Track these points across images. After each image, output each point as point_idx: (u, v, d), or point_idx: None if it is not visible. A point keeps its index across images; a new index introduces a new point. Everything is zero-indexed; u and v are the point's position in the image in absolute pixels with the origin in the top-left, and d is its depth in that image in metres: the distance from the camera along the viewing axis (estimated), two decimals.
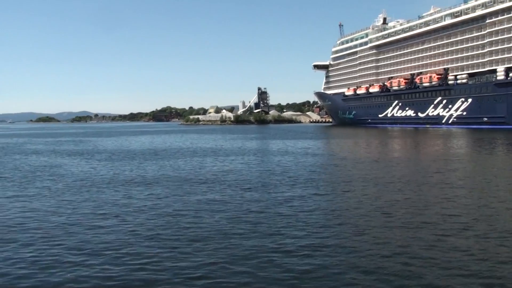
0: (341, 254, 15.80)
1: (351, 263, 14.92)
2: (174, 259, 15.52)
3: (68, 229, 19.80)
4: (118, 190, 29.82)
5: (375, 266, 14.59)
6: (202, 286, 13.31)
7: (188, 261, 15.35)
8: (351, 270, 14.28)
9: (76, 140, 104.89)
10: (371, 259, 15.21)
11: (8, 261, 15.57)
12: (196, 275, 14.05)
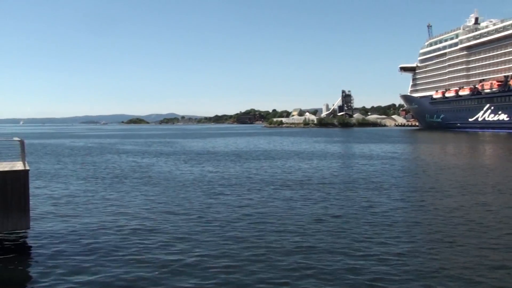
0: (430, 266, 15.15)
1: (442, 276, 14.27)
2: (257, 264, 15.53)
3: (156, 227, 20.38)
4: (203, 191, 30.37)
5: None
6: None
7: (270, 266, 15.31)
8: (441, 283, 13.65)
9: (164, 142, 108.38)
10: (465, 276, 14.47)
11: (104, 260, 16.21)
12: (279, 282, 13.97)
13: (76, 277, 14.32)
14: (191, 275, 14.49)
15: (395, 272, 14.58)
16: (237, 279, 14.13)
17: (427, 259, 15.83)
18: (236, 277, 14.28)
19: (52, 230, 20.00)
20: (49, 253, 16.90)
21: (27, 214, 17.99)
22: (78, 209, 24.74)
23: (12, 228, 17.90)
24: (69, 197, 28.74)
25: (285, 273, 14.60)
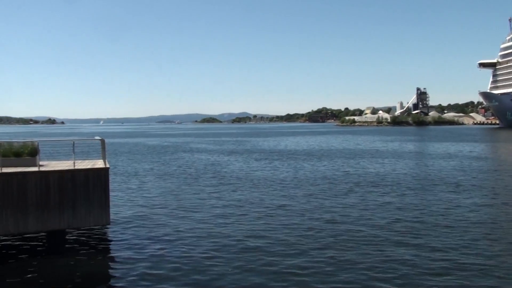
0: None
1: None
2: (338, 271, 15.39)
3: (230, 226, 20.65)
4: (275, 190, 30.46)
5: None
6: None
7: (344, 268, 15.14)
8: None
9: (236, 140, 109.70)
10: None
11: (179, 256, 16.63)
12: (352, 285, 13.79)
13: (153, 272, 14.76)
14: (264, 273, 14.56)
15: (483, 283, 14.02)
16: (312, 281, 14.07)
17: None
18: (311, 279, 14.22)
19: (130, 226, 20.74)
20: (127, 248, 17.54)
21: (107, 210, 18.75)
22: (154, 206, 25.51)
23: (93, 223, 18.72)
24: (146, 194, 29.70)
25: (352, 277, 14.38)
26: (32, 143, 20.64)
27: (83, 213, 18.20)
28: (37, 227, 17.86)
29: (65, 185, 18.04)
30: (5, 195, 17.33)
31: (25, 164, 19.23)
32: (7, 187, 17.36)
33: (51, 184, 17.88)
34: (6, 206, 17.30)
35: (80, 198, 18.16)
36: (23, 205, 17.49)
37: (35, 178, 17.77)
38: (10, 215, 17.36)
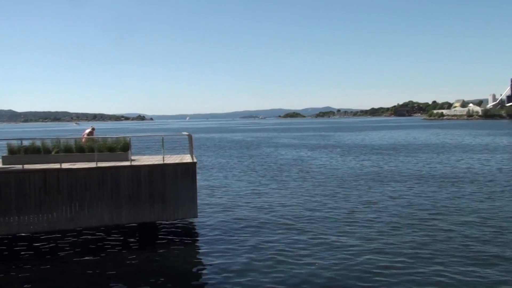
0: None
1: None
2: (434, 272, 14.94)
3: (314, 221, 20.57)
4: (360, 185, 29.98)
5: None
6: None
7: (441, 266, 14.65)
8: None
9: (319, 135, 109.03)
10: None
11: (263, 250, 16.78)
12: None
13: (239, 263, 15.00)
14: (355, 273, 14.40)
15: None
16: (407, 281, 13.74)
17: None
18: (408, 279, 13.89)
19: (217, 220, 21.18)
20: (215, 240, 17.93)
21: (195, 203, 19.27)
22: (240, 200, 25.90)
23: (182, 216, 19.31)
24: (232, 188, 30.22)
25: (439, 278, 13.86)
26: (125, 138, 21.61)
27: (172, 206, 18.82)
28: (129, 219, 18.69)
29: (155, 179, 18.74)
30: (100, 188, 18.27)
31: (118, 159, 20.18)
32: (102, 180, 18.30)
33: (142, 178, 18.64)
34: (101, 199, 18.24)
35: (169, 192, 18.79)
36: (116, 198, 18.37)
37: (127, 172, 18.59)
38: (105, 207, 18.28)
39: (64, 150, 20.44)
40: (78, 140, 21.48)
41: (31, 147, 20.56)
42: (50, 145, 20.79)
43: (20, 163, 18.63)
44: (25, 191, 17.68)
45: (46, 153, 20.27)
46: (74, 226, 18.32)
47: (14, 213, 17.58)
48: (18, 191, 17.63)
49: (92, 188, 18.21)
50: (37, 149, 20.50)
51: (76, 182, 18.11)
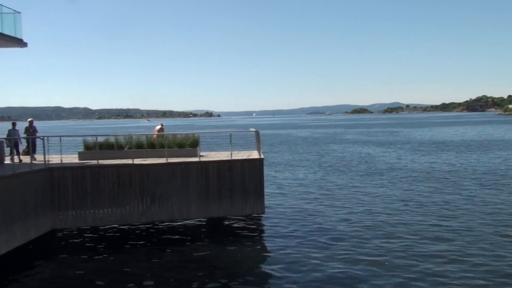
0: None
1: None
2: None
3: (380, 219, 20.20)
4: (430, 182, 29.14)
5: None
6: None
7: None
8: None
9: (387, 131, 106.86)
10: None
11: (331, 248, 16.67)
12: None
13: (305, 260, 14.95)
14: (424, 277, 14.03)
15: None
16: None
17: None
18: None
19: (284, 216, 21.19)
20: (281, 236, 17.96)
21: (262, 199, 19.41)
22: (306, 196, 25.80)
23: (249, 212, 19.49)
24: (298, 184, 30.17)
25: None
26: (194, 135, 22.04)
27: (239, 202, 19.04)
28: (198, 214, 19.09)
29: (223, 175, 19.01)
30: (170, 183, 18.75)
31: (187, 155, 20.62)
32: (172, 176, 18.77)
33: (210, 174, 18.97)
34: (171, 194, 18.71)
35: (237, 188, 19.01)
36: (186, 193, 18.78)
37: (196, 167, 18.98)
38: (175, 202, 18.75)
39: (136, 146, 21.11)
40: (149, 137, 22.11)
41: (105, 143, 21.40)
42: (123, 141, 21.55)
43: (95, 159, 19.42)
44: (99, 186, 18.42)
45: (119, 149, 21.03)
46: (145, 220, 18.90)
47: (89, 207, 18.35)
48: (93, 186, 18.39)
49: (162, 183, 18.71)
50: (110, 145, 21.32)
51: (148, 177, 18.67)
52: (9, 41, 21.23)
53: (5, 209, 15.17)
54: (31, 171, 17.11)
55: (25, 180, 16.59)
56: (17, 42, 21.58)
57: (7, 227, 15.20)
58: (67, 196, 18.26)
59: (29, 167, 17.32)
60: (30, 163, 17.84)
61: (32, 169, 17.26)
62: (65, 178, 18.28)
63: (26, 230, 16.37)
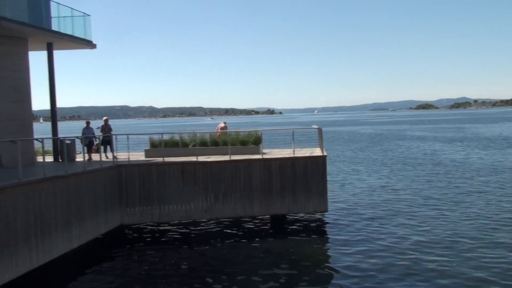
0: None
1: None
2: None
3: (446, 218, 19.60)
4: (501, 183, 27.96)
5: None
6: None
7: None
8: None
9: (454, 127, 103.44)
10: None
11: (395, 247, 16.34)
12: None
13: (368, 263, 14.70)
14: None
15: None
16: None
17: None
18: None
19: (347, 214, 20.96)
20: (344, 235, 17.78)
21: (325, 197, 19.25)
22: (370, 194, 25.41)
23: (312, 209, 19.39)
24: (361, 182, 29.77)
25: None
26: (256, 132, 22.16)
27: (302, 199, 18.97)
28: (261, 211, 19.17)
29: (286, 172, 18.99)
30: (234, 181, 18.93)
31: (250, 152, 20.76)
32: (235, 173, 18.95)
33: (273, 171, 19.00)
34: (234, 191, 18.89)
35: (300, 185, 18.95)
36: (249, 190, 18.91)
37: (259, 165, 19.05)
38: (238, 199, 18.91)
39: (200, 143, 21.45)
40: (212, 134, 22.41)
41: (170, 141, 21.89)
42: (187, 139, 21.95)
43: (161, 156, 19.88)
44: (165, 182, 18.84)
45: (183, 147, 21.44)
46: (209, 217, 19.19)
47: (155, 203, 18.82)
48: (159, 182, 18.84)
49: (226, 180, 18.92)
50: (175, 143, 21.78)
51: (211, 174, 18.93)
52: (80, 43, 22.07)
53: (77, 205, 15.79)
54: (101, 169, 17.72)
55: (95, 177, 17.21)
56: (87, 44, 22.40)
57: (79, 222, 15.82)
58: (134, 193, 18.80)
59: (98, 165, 17.96)
60: (100, 160, 18.48)
61: (102, 166, 17.88)
62: (132, 175, 18.82)
63: (96, 225, 16.98)
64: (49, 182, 14.58)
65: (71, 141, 20.29)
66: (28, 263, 13.29)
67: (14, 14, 17.83)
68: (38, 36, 19.75)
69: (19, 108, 19.43)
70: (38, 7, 19.88)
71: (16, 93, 19.30)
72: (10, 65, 18.98)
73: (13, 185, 13.04)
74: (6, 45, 18.72)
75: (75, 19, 21.76)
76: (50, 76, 21.26)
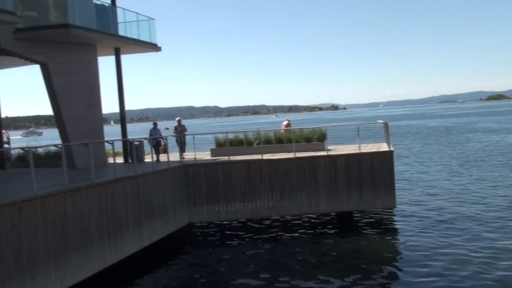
0: None
1: None
2: None
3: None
4: None
5: None
6: None
7: None
8: None
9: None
10: None
11: (464, 246, 15.78)
12: None
13: (437, 262, 14.22)
14: None
15: None
16: None
17: None
18: None
19: (416, 211, 20.44)
20: (414, 232, 17.34)
21: (393, 193, 18.83)
22: (440, 190, 24.66)
23: (380, 206, 19.03)
24: (429, 177, 28.96)
25: None
26: (320, 129, 21.98)
27: (369, 196, 18.65)
28: (327, 208, 19.00)
29: (352, 169, 18.72)
30: (299, 178, 18.86)
31: (314, 149, 20.60)
32: (300, 170, 18.87)
33: (338, 168, 18.78)
34: (300, 188, 18.82)
35: (366, 181, 18.64)
36: (314, 187, 18.79)
37: (324, 162, 18.89)
38: (304, 196, 18.83)
39: (264, 141, 21.50)
40: (276, 132, 22.42)
41: (235, 140, 22.07)
42: (252, 137, 22.06)
43: (226, 155, 20.09)
44: (231, 181, 19.03)
45: (248, 145, 21.56)
46: (275, 214, 19.22)
47: (222, 201, 19.04)
48: (225, 181, 19.05)
49: (291, 178, 18.88)
50: (240, 141, 21.93)
51: (277, 172, 18.94)
52: (145, 47, 22.65)
53: (147, 204, 16.23)
54: (169, 168, 18.12)
55: (163, 177, 17.61)
56: (152, 47, 22.96)
57: (149, 221, 16.25)
58: (201, 192, 19.09)
59: (166, 165, 18.37)
60: (167, 161, 18.89)
61: (169, 166, 18.27)
62: (199, 174, 19.12)
63: (166, 224, 17.37)
64: (120, 182, 15.05)
65: (140, 142, 20.86)
66: (103, 261, 13.79)
67: (84, 22, 18.51)
68: (106, 42, 20.44)
69: (90, 111, 20.17)
70: (105, 13, 20.56)
71: (87, 97, 20.04)
72: (81, 71, 19.73)
73: (86, 186, 13.56)
74: (77, 51, 19.48)
75: (140, 23, 22.34)
76: (118, 80, 21.98)
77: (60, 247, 12.25)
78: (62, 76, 18.71)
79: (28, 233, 11.29)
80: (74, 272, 12.60)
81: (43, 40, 17.92)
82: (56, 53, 18.55)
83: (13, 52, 17.14)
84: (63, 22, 17.58)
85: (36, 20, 17.68)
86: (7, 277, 10.59)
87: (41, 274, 11.52)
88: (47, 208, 11.94)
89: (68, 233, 12.56)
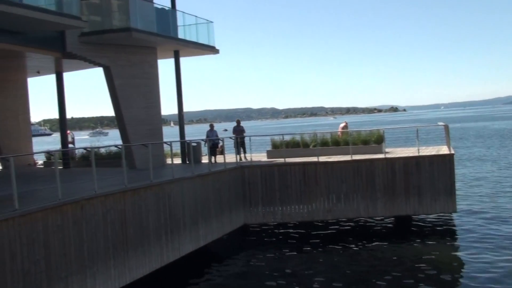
0: None
1: None
2: None
3: None
4: None
5: None
6: None
7: None
8: None
9: None
10: None
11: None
12: None
13: (498, 270, 13.68)
14: None
15: None
16: None
17: None
18: None
19: (478, 215, 19.77)
20: (475, 237, 16.76)
21: (453, 197, 18.29)
22: (503, 196, 23.71)
23: (439, 210, 18.53)
24: (492, 182, 27.87)
25: None
26: (378, 131, 21.63)
27: (428, 200, 18.19)
28: (384, 212, 18.68)
29: (410, 171, 18.32)
30: (356, 181, 18.62)
31: (372, 151, 20.29)
32: (357, 173, 18.63)
33: (396, 171, 18.42)
34: (356, 191, 18.58)
35: (425, 185, 18.19)
36: (371, 190, 18.50)
37: (382, 164, 18.57)
38: (361, 199, 18.57)
39: (321, 144, 21.35)
40: (333, 134, 22.23)
41: (291, 142, 22.03)
42: (308, 139, 21.95)
43: (282, 157, 20.08)
44: (287, 183, 19.01)
45: (304, 147, 21.47)
46: (331, 217, 19.05)
47: (277, 203, 19.05)
48: (281, 183, 19.04)
49: (347, 181, 18.67)
50: (296, 143, 21.87)
51: (333, 174, 18.78)
52: (204, 49, 23.01)
53: (203, 205, 16.45)
54: (225, 170, 18.30)
55: (219, 178, 17.80)
56: (211, 50, 23.28)
57: (205, 221, 16.46)
58: (257, 193, 19.17)
59: (223, 166, 18.55)
60: (224, 162, 19.08)
61: (226, 167, 18.45)
62: (255, 175, 19.20)
63: (222, 225, 17.55)
64: (177, 183, 15.34)
65: (197, 143, 21.19)
66: (160, 260, 14.08)
67: (145, 25, 19.02)
68: (166, 45, 20.89)
69: (150, 113, 20.66)
70: (165, 17, 21.04)
71: (147, 99, 20.54)
72: (142, 74, 20.25)
73: (145, 186, 13.91)
74: (138, 54, 20.01)
75: (199, 26, 22.71)
76: (177, 82, 22.43)
77: (120, 245, 12.61)
78: (123, 78, 19.29)
79: (90, 230, 11.69)
80: (132, 270, 12.94)
81: (106, 43, 18.52)
82: (118, 56, 19.15)
83: (78, 55, 17.82)
84: (125, 26, 18.15)
85: (99, 24, 18.33)
86: (69, 273, 11.00)
87: (101, 271, 11.90)
88: (107, 207, 12.33)
89: (127, 231, 12.91)
